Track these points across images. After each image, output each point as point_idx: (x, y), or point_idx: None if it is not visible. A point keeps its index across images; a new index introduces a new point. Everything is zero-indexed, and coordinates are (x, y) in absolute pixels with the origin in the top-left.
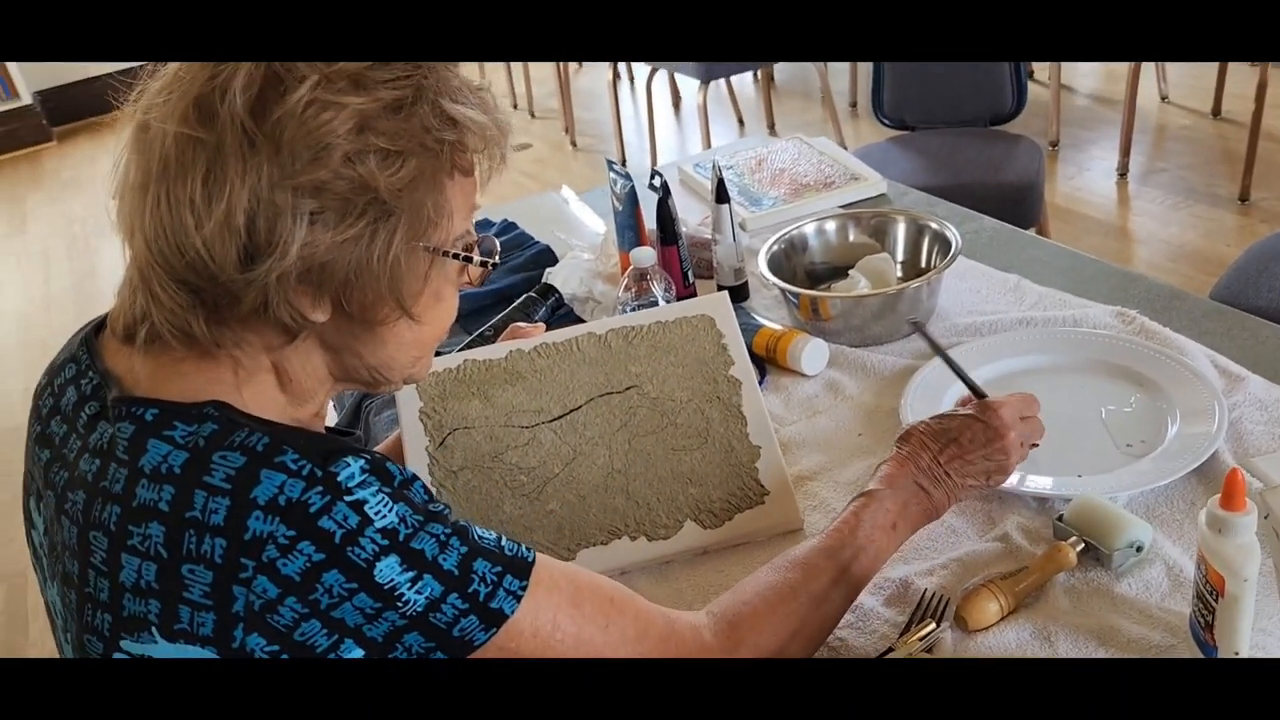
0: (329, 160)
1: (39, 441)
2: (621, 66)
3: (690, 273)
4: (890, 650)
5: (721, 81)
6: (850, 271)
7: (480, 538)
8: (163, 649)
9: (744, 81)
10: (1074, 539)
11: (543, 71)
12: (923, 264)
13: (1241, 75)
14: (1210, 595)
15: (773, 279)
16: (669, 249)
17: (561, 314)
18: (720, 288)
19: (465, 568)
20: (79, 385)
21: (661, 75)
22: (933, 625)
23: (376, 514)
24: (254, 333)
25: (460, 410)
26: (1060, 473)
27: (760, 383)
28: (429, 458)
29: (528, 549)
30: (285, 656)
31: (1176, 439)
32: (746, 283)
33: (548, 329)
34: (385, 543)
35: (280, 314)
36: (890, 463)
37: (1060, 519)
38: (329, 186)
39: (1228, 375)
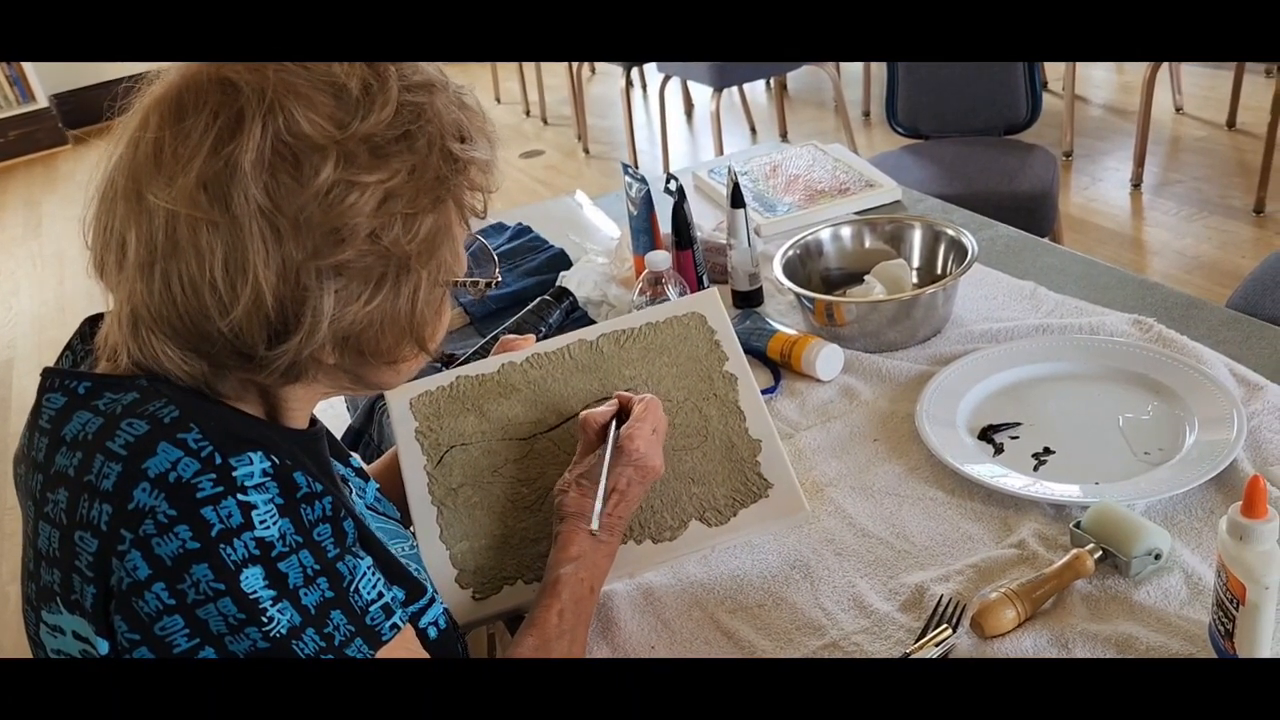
0: (354, 240)
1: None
2: (634, 74)
3: (705, 277)
4: (906, 656)
5: (734, 89)
6: (866, 277)
7: (354, 591)
8: (65, 620)
9: (756, 89)
10: (1091, 546)
11: (556, 78)
12: (939, 270)
13: (1257, 86)
14: (1231, 603)
15: (788, 284)
16: (684, 253)
17: (575, 317)
18: (735, 292)
19: (323, 611)
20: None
21: (674, 82)
22: (948, 631)
23: (260, 521)
24: (257, 376)
25: (456, 427)
26: (1078, 480)
27: (775, 388)
28: (427, 477)
29: (392, 628)
30: (143, 649)
31: (1195, 447)
32: (761, 288)
33: (562, 332)
34: (257, 552)
35: (298, 369)
36: (564, 528)
37: (1078, 526)
38: (354, 263)
39: (1246, 384)
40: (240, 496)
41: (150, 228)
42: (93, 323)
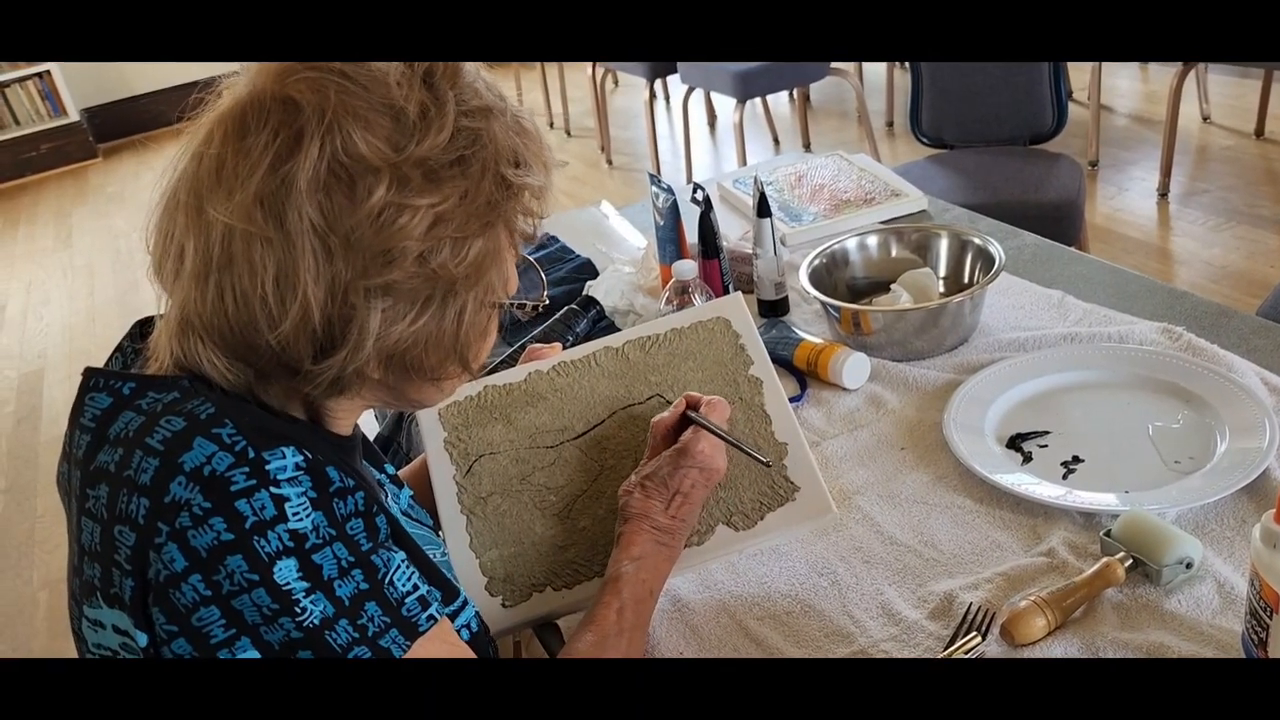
0: (403, 262)
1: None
2: (658, 85)
3: (731, 286)
4: None
5: (757, 100)
6: (892, 286)
7: (389, 584)
8: (105, 614)
9: (779, 100)
10: (1122, 555)
11: (579, 90)
12: (965, 279)
13: None
14: (1264, 611)
15: (814, 293)
16: (710, 262)
17: (602, 326)
18: (761, 301)
19: (357, 603)
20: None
21: (697, 94)
22: (977, 639)
23: (293, 514)
24: (303, 388)
25: (484, 436)
26: (1108, 488)
27: (801, 396)
28: (456, 486)
29: (429, 619)
30: (181, 640)
31: (1226, 455)
32: (787, 297)
33: (589, 341)
34: (291, 544)
35: (343, 383)
36: (627, 529)
37: (1108, 534)
38: (402, 284)
39: (1278, 392)
40: (273, 489)
41: (208, 240)
42: (143, 325)
